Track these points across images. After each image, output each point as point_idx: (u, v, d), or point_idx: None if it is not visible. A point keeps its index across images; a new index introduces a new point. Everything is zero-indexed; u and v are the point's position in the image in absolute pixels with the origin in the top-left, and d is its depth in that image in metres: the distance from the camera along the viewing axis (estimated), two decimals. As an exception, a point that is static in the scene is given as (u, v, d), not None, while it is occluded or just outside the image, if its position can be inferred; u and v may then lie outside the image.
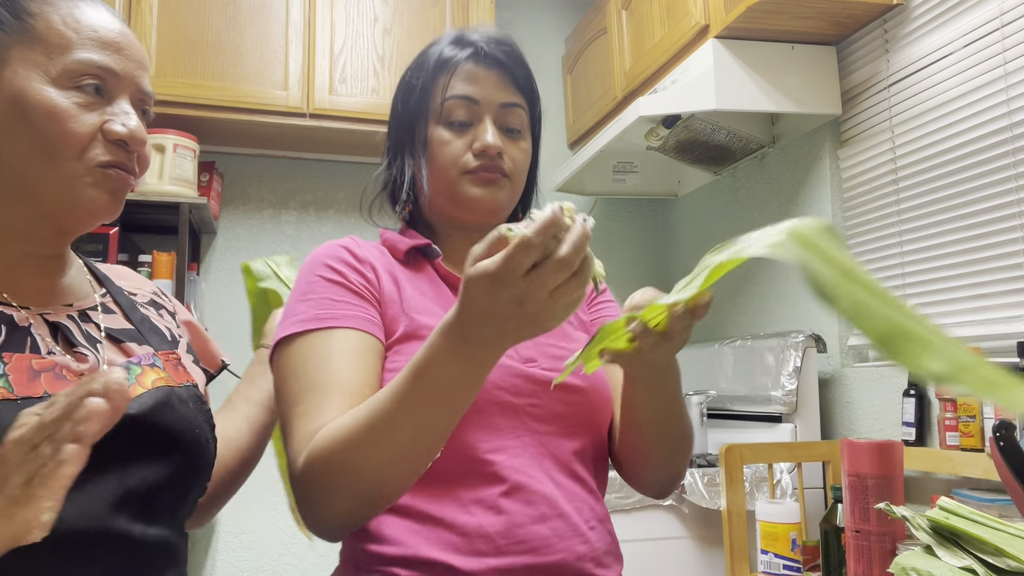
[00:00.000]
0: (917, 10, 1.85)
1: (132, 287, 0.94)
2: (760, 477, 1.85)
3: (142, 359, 0.81)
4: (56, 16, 0.75)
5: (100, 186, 0.76)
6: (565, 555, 0.83)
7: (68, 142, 0.73)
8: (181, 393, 0.81)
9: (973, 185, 1.70)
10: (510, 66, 0.96)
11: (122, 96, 0.78)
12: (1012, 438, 1.01)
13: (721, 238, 2.56)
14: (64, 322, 0.79)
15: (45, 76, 0.74)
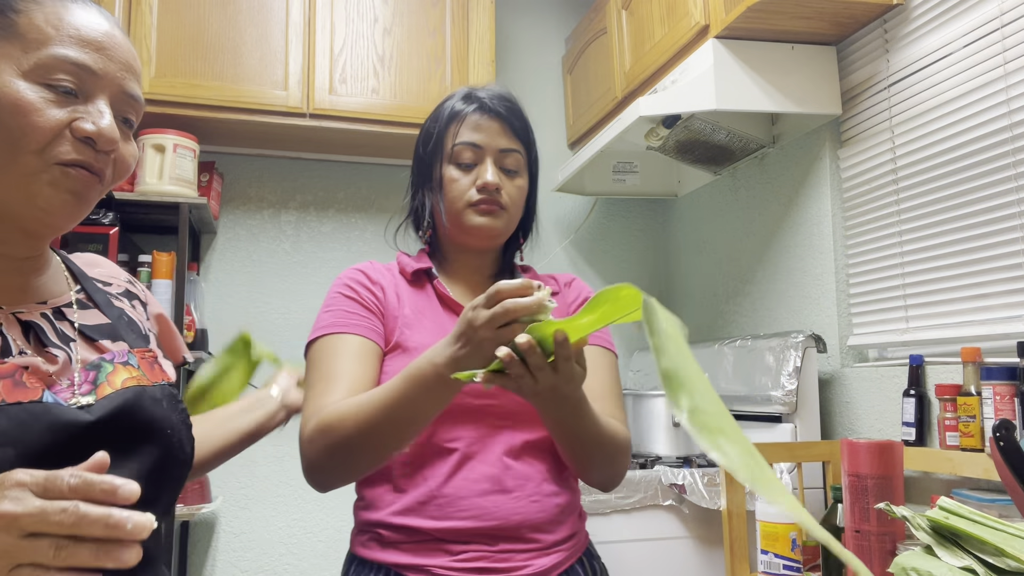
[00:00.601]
0: (917, 10, 1.85)
1: (106, 276, 0.92)
2: (760, 477, 1.85)
3: (115, 356, 0.80)
4: (40, 14, 0.74)
5: (58, 185, 0.73)
6: (500, 520, 1.07)
7: (29, 136, 0.71)
8: (155, 392, 0.80)
9: (973, 185, 1.70)
10: (509, 118, 1.18)
11: (100, 96, 0.76)
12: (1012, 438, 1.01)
13: (721, 238, 2.56)
14: (37, 321, 0.77)
15: (17, 70, 0.72)
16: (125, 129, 0.80)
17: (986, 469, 1.52)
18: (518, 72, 3.02)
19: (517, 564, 1.07)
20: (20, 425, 0.67)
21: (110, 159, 0.77)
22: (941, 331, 1.77)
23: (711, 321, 2.71)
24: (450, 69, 2.54)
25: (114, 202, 2.12)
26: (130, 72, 0.79)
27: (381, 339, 1.13)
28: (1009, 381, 1.52)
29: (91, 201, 0.77)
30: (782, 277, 2.31)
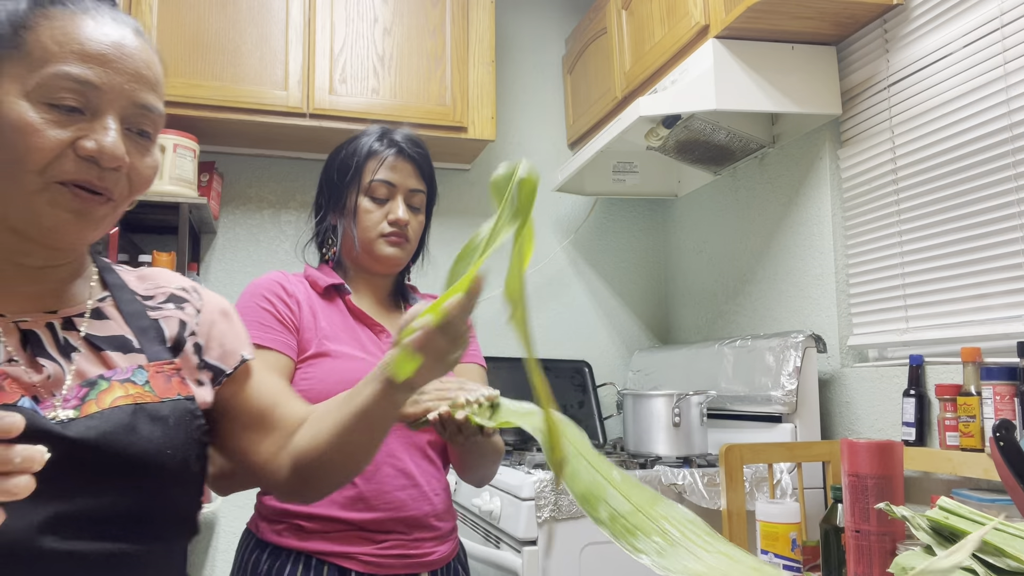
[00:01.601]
0: (917, 10, 1.85)
1: (151, 288, 0.90)
2: (760, 477, 1.85)
3: (115, 374, 0.78)
4: (47, 30, 0.73)
5: (58, 204, 0.73)
6: (415, 512, 1.24)
7: (30, 156, 0.71)
8: (158, 410, 0.77)
9: (973, 185, 1.70)
10: (420, 162, 1.36)
11: (108, 111, 0.74)
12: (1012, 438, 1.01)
13: (721, 238, 2.56)
14: (38, 331, 0.76)
15: (21, 90, 0.71)
16: (141, 141, 0.78)
17: (986, 469, 1.52)
18: (518, 72, 3.02)
19: (426, 551, 1.26)
20: None
21: (120, 175, 0.75)
22: (941, 331, 1.77)
23: (711, 321, 2.71)
24: (450, 69, 2.54)
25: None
26: (140, 82, 0.76)
27: (294, 353, 1.23)
28: (1009, 381, 1.52)
29: (98, 219, 0.76)
30: (782, 277, 2.31)
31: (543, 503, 1.72)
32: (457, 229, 2.87)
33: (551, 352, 2.87)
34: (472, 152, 2.75)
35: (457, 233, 2.87)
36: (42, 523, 0.67)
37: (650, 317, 3.04)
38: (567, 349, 2.90)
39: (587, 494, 0.63)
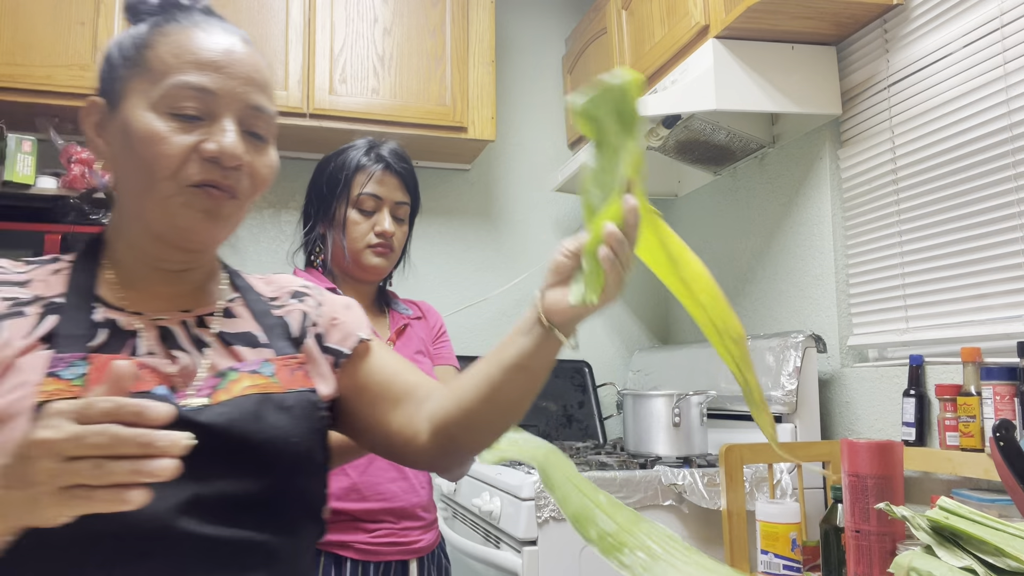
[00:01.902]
0: (917, 10, 1.85)
1: (275, 291, 0.95)
2: (760, 477, 1.85)
3: (244, 365, 0.82)
4: (165, 45, 0.79)
5: (192, 205, 0.78)
6: (404, 503, 1.35)
7: (161, 163, 0.76)
8: (283, 400, 0.80)
9: (973, 185, 1.70)
10: (405, 176, 1.48)
11: (225, 114, 0.79)
12: (1012, 438, 1.01)
13: (721, 238, 2.56)
14: (173, 327, 0.82)
15: (147, 102, 0.77)
16: (256, 142, 0.82)
17: (986, 469, 1.52)
18: (518, 72, 3.02)
19: (414, 538, 1.35)
20: None
21: (241, 174, 0.80)
22: (941, 331, 1.77)
23: (711, 321, 2.71)
24: (450, 69, 2.54)
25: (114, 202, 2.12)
26: (252, 85, 0.81)
27: None
28: (1009, 381, 1.52)
29: (226, 217, 0.81)
30: (782, 277, 2.31)
31: (543, 503, 1.72)
32: (457, 229, 2.87)
33: (551, 352, 2.87)
34: (472, 152, 2.75)
35: (457, 233, 2.87)
36: (182, 505, 0.70)
37: (650, 317, 3.04)
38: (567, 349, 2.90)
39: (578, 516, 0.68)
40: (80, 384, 0.72)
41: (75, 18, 2.22)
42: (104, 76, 0.83)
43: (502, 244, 2.91)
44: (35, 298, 0.79)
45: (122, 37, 0.83)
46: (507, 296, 2.87)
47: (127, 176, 0.81)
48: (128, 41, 0.81)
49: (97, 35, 2.22)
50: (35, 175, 2.12)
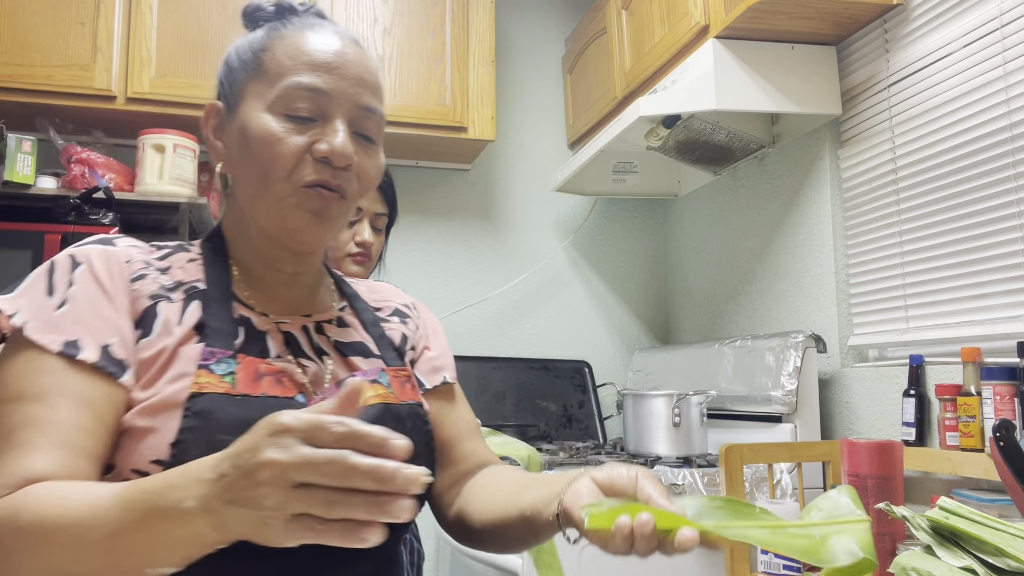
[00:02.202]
0: (917, 10, 1.85)
1: (379, 300, 0.97)
2: (760, 477, 1.85)
3: (366, 374, 0.83)
4: (280, 48, 0.81)
5: (302, 206, 0.79)
6: None
7: (276, 164, 0.78)
8: (400, 411, 0.82)
9: (973, 185, 1.70)
10: (385, 189, 1.52)
11: (336, 115, 0.80)
12: (1012, 438, 1.01)
13: (721, 238, 2.56)
14: (296, 333, 0.83)
15: (264, 104, 0.79)
16: (366, 144, 0.83)
17: (986, 469, 1.52)
18: (518, 72, 3.02)
19: None
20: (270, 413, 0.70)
21: (350, 175, 0.81)
22: (941, 331, 1.77)
23: (711, 321, 2.71)
24: (450, 69, 2.54)
25: (114, 202, 2.12)
26: (363, 86, 0.82)
27: None
28: (1009, 381, 1.52)
29: (334, 218, 0.81)
30: (782, 277, 2.31)
31: (543, 503, 1.72)
32: (457, 229, 2.87)
33: (551, 352, 2.87)
34: (472, 152, 2.75)
35: (457, 233, 2.87)
36: None
37: (650, 317, 3.04)
38: (567, 349, 2.90)
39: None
40: (230, 381, 0.73)
41: (75, 18, 2.22)
42: (223, 80, 0.85)
43: (502, 244, 2.91)
44: (177, 284, 0.80)
45: (240, 43, 0.85)
46: (507, 296, 2.87)
47: (244, 177, 0.82)
48: (246, 46, 0.83)
49: (97, 35, 2.22)
50: (35, 175, 2.12)
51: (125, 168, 2.24)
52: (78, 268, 0.75)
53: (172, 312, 0.77)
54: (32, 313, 0.72)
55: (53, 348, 0.71)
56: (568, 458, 2.06)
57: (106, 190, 2.11)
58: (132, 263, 0.79)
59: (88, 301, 0.74)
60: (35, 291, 0.73)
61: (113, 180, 2.18)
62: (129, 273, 0.78)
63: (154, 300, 0.77)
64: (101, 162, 2.18)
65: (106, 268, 0.76)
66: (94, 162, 2.17)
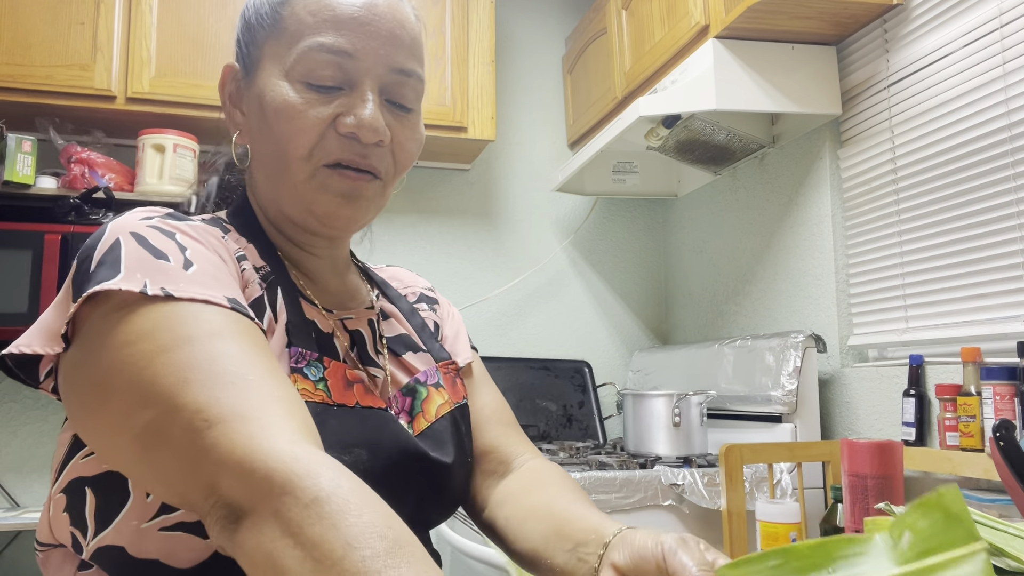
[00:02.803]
0: (917, 10, 1.85)
1: (403, 288, 0.87)
2: (760, 477, 1.85)
3: (427, 377, 0.76)
4: (302, 3, 0.69)
5: (327, 189, 0.68)
6: None
7: (295, 141, 0.67)
8: (457, 415, 0.76)
9: (972, 185, 1.70)
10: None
11: (365, 81, 0.68)
12: (1012, 438, 1.01)
13: (721, 238, 2.56)
14: (363, 331, 0.75)
15: (282, 70, 0.68)
16: (402, 115, 0.71)
17: (986, 469, 1.52)
18: (518, 72, 3.02)
19: None
20: (373, 430, 0.66)
21: (384, 152, 0.70)
22: (941, 331, 1.77)
23: (711, 321, 2.71)
24: (450, 69, 2.54)
25: (114, 202, 2.12)
26: (395, 44, 0.69)
27: None
28: (1009, 381, 1.52)
29: (368, 200, 0.70)
30: (782, 277, 2.31)
31: (543, 503, 1.72)
32: (457, 229, 2.87)
33: (551, 352, 2.87)
34: (472, 152, 2.75)
35: (457, 233, 2.87)
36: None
37: (650, 317, 3.04)
38: (567, 349, 2.90)
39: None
40: (323, 389, 0.65)
41: (75, 18, 2.22)
42: (240, 39, 0.74)
43: (502, 244, 2.91)
44: (256, 267, 0.69)
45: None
46: (507, 296, 2.87)
47: (262, 153, 0.71)
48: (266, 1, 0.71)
49: (97, 35, 2.22)
50: (35, 175, 2.12)
51: (125, 168, 2.24)
52: (175, 235, 0.62)
53: (269, 307, 0.67)
54: (164, 279, 0.57)
55: (221, 301, 0.57)
56: (568, 458, 2.06)
57: (106, 190, 2.11)
58: (227, 240, 0.68)
59: (214, 265, 0.61)
60: (144, 262, 0.58)
61: (113, 180, 2.19)
62: (232, 250, 0.67)
63: (262, 289, 0.67)
64: (101, 162, 2.18)
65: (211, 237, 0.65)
66: (94, 162, 2.17)
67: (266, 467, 0.48)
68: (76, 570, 0.64)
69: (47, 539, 0.64)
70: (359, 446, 0.64)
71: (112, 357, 0.55)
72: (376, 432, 0.66)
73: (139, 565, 0.59)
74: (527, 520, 0.73)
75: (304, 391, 0.63)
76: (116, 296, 0.57)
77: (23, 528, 2.02)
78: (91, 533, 0.61)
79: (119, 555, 0.60)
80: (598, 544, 0.63)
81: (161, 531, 0.58)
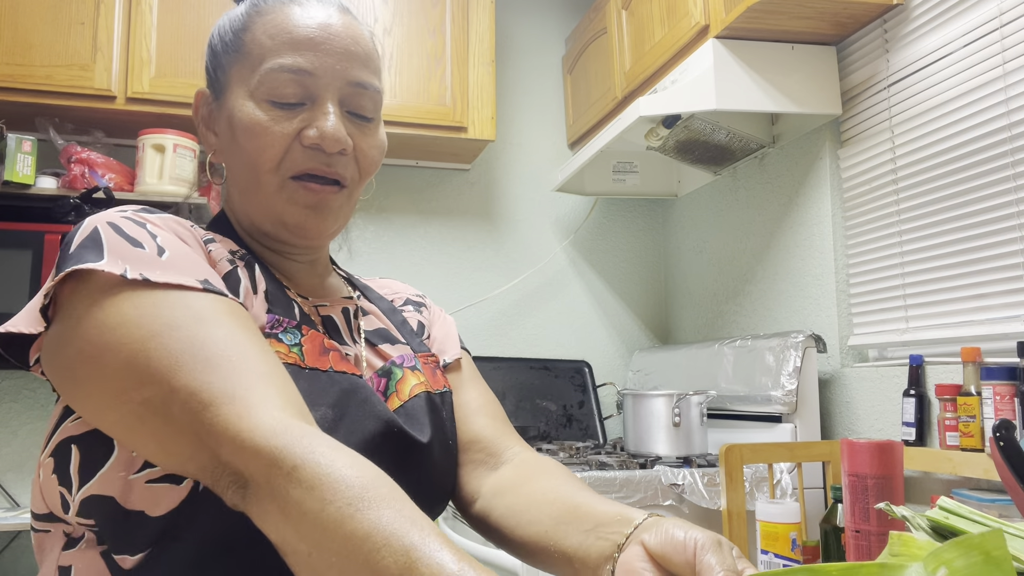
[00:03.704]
0: (917, 10, 1.85)
1: (389, 293, 0.93)
2: (760, 477, 1.85)
3: (404, 360, 0.80)
4: (261, 27, 0.74)
5: (295, 201, 0.73)
6: None
7: (264, 155, 0.72)
8: (436, 399, 0.80)
9: (972, 185, 1.70)
10: None
11: (325, 95, 0.73)
12: (1012, 438, 1.01)
13: (721, 238, 2.56)
14: (336, 317, 0.80)
15: (247, 91, 0.73)
16: (362, 123, 0.76)
17: (986, 469, 1.52)
18: (518, 72, 3.02)
19: None
20: (343, 393, 0.70)
21: (347, 160, 0.75)
22: (941, 331, 1.77)
23: (711, 321, 2.71)
24: (450, 69, 2.54)
25: (114, 202, 2.12)
26: (350, 60, 0.74)
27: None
28: (1009, 381, 1.52)
29: (335, 209, 0.76)
30: (782, 277, 2.31)
31: (543, 503, 1.72)
32: (457, 229, 2.87)
33: (551, 352, 2.87)
34: (472, 152, 2.75)
35: (457, 233, 2.87)
36: None
37: (650, 317, 3.04)
38: (567, 349, 2.90)
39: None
40: (297, 353, 0.69)
41: (75, 18, 2.22)
42: (208, 66, 0.78)
43: (502, 244, 2.91)
44: (231, 251, 0.74)
45: (222, 22, 0.78)
46: (507, 296, 2.87)
47: (235, 170, 0.76)
48: (227, 25, 0.76)
49: (97, 35, 2.22)
50: (35, 175, 2.12)
51: (125, 168, 2.24)
52: (146, 225, 0.66)
53: (245, 277, 0.72)
54: (142, 266, 0.62)
55: (195, 285, 0.62)
56: (568, 458, 2.06)
57: (106, 190, 2.11)
58: (195, 228, 0.73)
59: (184, 250, 0.66)
60: (123, 248, 0.63)
61: (113, 180, 2.19)
62: (198, 236, 0.72)
63: (232, 265, 0.72)
64: (101, 162, 2.18)
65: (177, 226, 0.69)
66: (94, 162, 2.17)
67: (254, 443, 0.54)
68: (61, 549, 0.66)
69: (39, 508, 0.68)
70: (326, 406, 0.68)
71: (105, 337, 0.59)
72: (345, 395, 0.70)
73: (127, 516, 0.62)
74: (533, 505, 0.73)
75: (278, 353, 0.67)
76: (99, 276, 0.61)
77: (23, 528, 2.02)
78: (75, 487, 0.64)
79: (110, 506, 0.62)
80: (625, 524, 0.63)
81: (147, 483, 0.62)
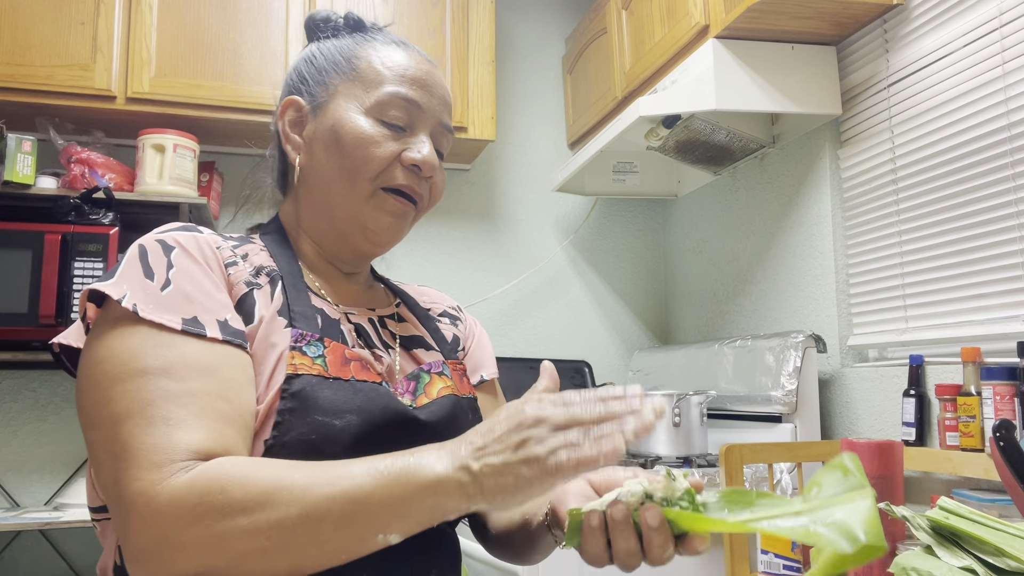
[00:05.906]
0: (917, 10, 1.85)
1: (427, 303, 1.01)
2: (760, 477, 1.85)
3: (432, 366, 0.88)
4: (376, 57, 0.86)
5: (383, 208, 0.84)
6: None
7: (368, 164, 0.82)
8: (463, 403, 0.87)
9: (972, 185, 1.70)
10: None
11: (423, 128, 0.86)
12: (1012, 438, 1.01)
13: (721, 238, 2.55)
14: (364, 325, 0.87)
15: (360, 107, 0.84)
16: (438, 160, 0.88)
17: (986, 469, 1.52)
18: (518, 72, 3.02)
19: None
20: (367, 399, 0.76)
21: (428, 184, 0.87)
22: (941, 331, 1.77)
23: (711, 321, 2.71)
24: (450, 69, 2.54)
25: (114, 202, 2.12)
26: (444, 105, 0.88)
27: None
28: (1009, 381, 1.52)
29: (408, 225, 0.87)
30: (782, 277, 2.31)
31: (543, 503, 1.72)
32: (457, 229, 2.87)
33: (551, 352, 2.87)
34: (472, 152, 2.75)
35: (457, 233, 2.87)
36: None
37: (650, 317, 3.04)
38: (567, 349, 2.90)
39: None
40: (321, 364, 0.75)
41: (75, 18, 2.22)
42: (307, 77, 0.89)
43: (502, 244, 2.91)
44: (257, 269, 0.81)
45: (323, 45, 0.90)
46: (507, 296, 2.87)
47: (326, 172, 0.84)
48: (334, 49, 0.88)
49: (97, 35, 2.22)
50: (35, 175, 2.12)
51: (125, 168, 2.24)
52: (173, 251, 0.75)
53: (263, 298, 0.78)
54: (140, 296, 0.70)
55: (174, 326, 0.69)
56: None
57: (106, 190, 2.11)
58: (222, 249, 0.80)
59: (192, 282, 0.73)
60: (134, 276, 0.72)
61: (113, 180, 2.18)
62: (223, 259, 0.79)
63: (249, 287, 0.78)
64: (101, 162, 2.18)
65: (200, 252, 0.76)
66: (94, 162, 2.17)
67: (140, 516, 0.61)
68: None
69: (94, 501, 0.75)
70: (351, 412, 0.74)
71: (92, 371, 0.69)
72: (368, 401, 0.76)
73: None
74: None
75: (302, 365, 0.74)
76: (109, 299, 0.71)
77: (23, 528, 2.02)
78: None
79: None
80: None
81: None
